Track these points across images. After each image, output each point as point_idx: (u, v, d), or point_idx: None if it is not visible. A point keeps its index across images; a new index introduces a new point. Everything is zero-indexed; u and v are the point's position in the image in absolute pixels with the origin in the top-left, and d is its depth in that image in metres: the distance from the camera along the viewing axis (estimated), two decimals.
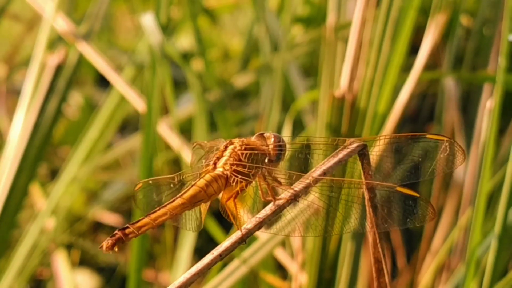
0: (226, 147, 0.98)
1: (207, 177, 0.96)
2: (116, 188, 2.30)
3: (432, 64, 2.18)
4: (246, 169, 0.95)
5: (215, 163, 0.98)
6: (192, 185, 0.95)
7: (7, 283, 1.70)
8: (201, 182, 0.96)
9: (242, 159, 0.96)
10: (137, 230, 0.91)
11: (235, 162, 0.96)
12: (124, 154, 2.22)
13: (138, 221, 0.92)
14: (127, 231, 0.91)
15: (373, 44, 1.50)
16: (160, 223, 0.93)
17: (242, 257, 1.43)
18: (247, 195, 0.97)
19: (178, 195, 0.95)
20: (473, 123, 1.88)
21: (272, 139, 0.97)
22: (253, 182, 0.97)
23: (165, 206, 0.93)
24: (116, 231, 0.91)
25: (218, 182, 0.96)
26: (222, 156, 0.98)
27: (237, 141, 0.98)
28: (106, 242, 0.90)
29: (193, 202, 0.95)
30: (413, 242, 2.08)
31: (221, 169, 0.97)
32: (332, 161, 0.89)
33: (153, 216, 0.92)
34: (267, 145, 0.97)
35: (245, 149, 0.96)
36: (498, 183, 1.57)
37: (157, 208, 0.93)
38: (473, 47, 2.06)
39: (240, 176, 0.95)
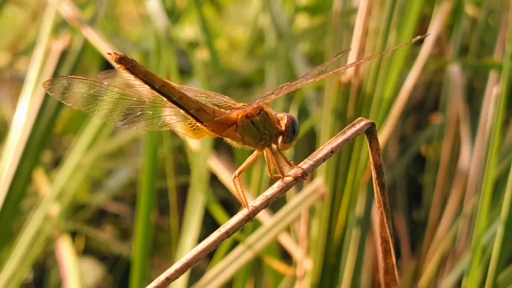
0: (243, 106, 0.97)
1: (222, 110, 0.96)
2: (120, 176, 2.30)
3: (438, 53, 2.18)
4: (256, 129, 0.95)
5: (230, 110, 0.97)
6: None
7: (11, 270, 1.70)
8: (216, 107, 0.96)
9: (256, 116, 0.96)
10: (142, 66, 0.92)
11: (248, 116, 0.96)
12: (128, 141, 2.21)
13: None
14: (136, 61, 0.91)
15: (379, 31, 1.50)
16: (166, 88, 0.93)
17: (247, 243, 1.43)
18: (254, 172, 0.96)
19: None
20: (478, 111, 1.87)
21: (286, 120, 0.96)
22: (260, 155, 0.96)
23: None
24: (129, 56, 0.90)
25: (227, 119, 0.96)
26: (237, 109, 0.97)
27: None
28: (116, 52, 0.90)
29: (199, 105, 0.95)
30: (418, 231, 2.08)
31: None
32: (340, 139, 0.88)
33: (163, 77, 0.93)
34: (281, 125, 0.96)
35: (260, 110, 0.96)
36: (503, 171, 1.56)
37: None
38: (479, 36, 2.06)
39: (248, 134, 0.95)
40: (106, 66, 2.41)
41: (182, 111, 0.95)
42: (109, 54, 0.90)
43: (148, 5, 1.80)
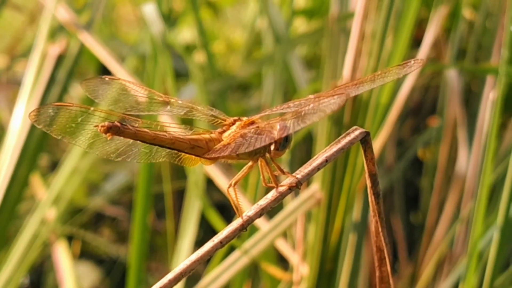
0: (234, 122, 0.97)
1: (213, 135, 0.96)
2: (117, 180, 2.30)
3: (435, 57, 2.18)
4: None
5: (220, 133, 0.97)
6: (198, 133, 0.96)
7: (7, 274, 1.69)
8: (206, 135, 0.96)
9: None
10: (133, 128, 0.91)
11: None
12: None
13: (139, 126, 0.93)
14: (125, 126, 0.91)
15: (375, 35, 1.50)
16: (157, 140, 0.93)
17: (244, 248, 1.42)
18: (249, 182, 0.96)
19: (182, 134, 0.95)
20: (475, 115, 1.87)
21: (278, 127, 0.95)
22: (255, 165, 0.96)
23: (167, 131, 0.94)
24: (116, 122, 0.90)
25: (222, 146, 0.95)
26: (228, 129, 0.97)
27: (245, 119, 0.97)
28: (103, 124, 0.90)
29: (192, 144, 0.95)
30: (415, 235, 2.08)
31: (226, 141, 0.96)
32: (334, 148, 0.88)
33: (153, 131, 0.93)
34: (273, 133, 0.95)
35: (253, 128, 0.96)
36: (500, 176, 1.56)
37: (159, 130, 0.94)
38: (476, 40, 2.06)
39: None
40: (103, 70, 2.41)
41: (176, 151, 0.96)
42: (96, 126, 0.90)
43: (145, 9, 1.79)
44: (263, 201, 0.87)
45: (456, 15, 1.99)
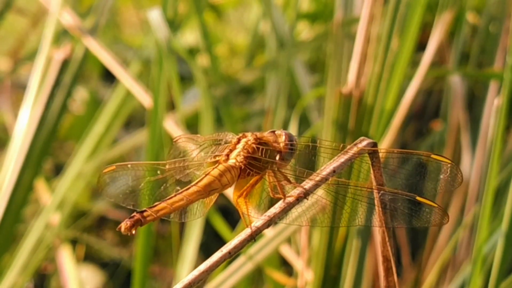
0: (239, 140, 0.99)
1: (221, 167, 0.97)
2: None
3: (439, 61, 2.18)
4: (259, 163, 0.96)
5: (227, 155, 0.98)
6: (206, 175, 0.96)
7: (12, 278, 1.70)
8: (215, 172, 0.96)
9: (256, 151, 0.96)
10: (155, 213, 0.91)
11: (248, 155, 0.96)
12: (129, 149, 2.21)
13: (155, 205, 0.93)
14: (145, 214, 0.91)
15: (380, 40, 1.50)
16: (177, 208, 0.94)
17: (248, 254, 1.43)
18: (255, 193, 0.97)
19: (193, 184, 0.96)
20: (478, 120, 1.87)
21: (283, 137, 0.97)
22: (263, 178, 0.97)
23: (181, 193, 0.94)
24: (135, 213, 0.91)
25: (231, 172, 0.97)
26: (235, 148, 0.98)
27: (250, 135, 0.98)
28: (125, 223, 0.90)
29: (208, 190, 0.96)
30: (418, 240, 2.07)
31: (233, 161, 0.97)
32: (342, 159, 0.89)
33: (169, 201, 0.93)
34: (278, 143, 0.97)
35: (258, 143, 0.97)
36: (504, 180, 1.56)
37: (173, 195, 0.94)
38: (479, 44, 2.06)
39: (254, 169, 0.96)
40: (107, 75, 2.41)
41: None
42: (119, 229, 0.91)
43: (150, 14, 1.80)
44: (271, 212, 0.88)
45: (459, 19, 1.99)
